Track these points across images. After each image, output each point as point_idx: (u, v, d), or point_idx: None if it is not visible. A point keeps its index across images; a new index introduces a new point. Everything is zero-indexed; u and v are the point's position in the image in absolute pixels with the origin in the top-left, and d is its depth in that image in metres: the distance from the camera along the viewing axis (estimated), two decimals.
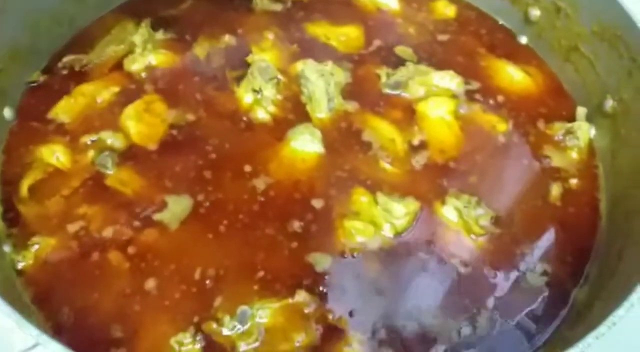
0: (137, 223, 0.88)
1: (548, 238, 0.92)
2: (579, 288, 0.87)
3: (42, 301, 0.80)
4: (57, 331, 0.78)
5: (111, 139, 0.97)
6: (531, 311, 0.84)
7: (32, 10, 1.01)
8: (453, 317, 0.82)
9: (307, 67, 1.05)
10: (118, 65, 1.08)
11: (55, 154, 0.94)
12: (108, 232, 0.87)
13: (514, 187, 0.98)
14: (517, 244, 0.91)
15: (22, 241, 0.86)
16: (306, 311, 0.81)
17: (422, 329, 0.80)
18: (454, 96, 1.08)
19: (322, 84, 1.04)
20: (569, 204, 0.96)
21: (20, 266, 0.83)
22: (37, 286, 0.82)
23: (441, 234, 0.90)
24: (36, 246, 0.85)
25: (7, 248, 0.85)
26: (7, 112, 0.98)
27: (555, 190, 0.97)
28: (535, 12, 1.15)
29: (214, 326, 0.79)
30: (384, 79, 1.09)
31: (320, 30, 1.18)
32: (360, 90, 1.08)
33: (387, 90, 1.08)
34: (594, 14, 1.02)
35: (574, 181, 0.99)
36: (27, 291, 0.81)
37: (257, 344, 0.78)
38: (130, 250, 0.85)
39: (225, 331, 0.78)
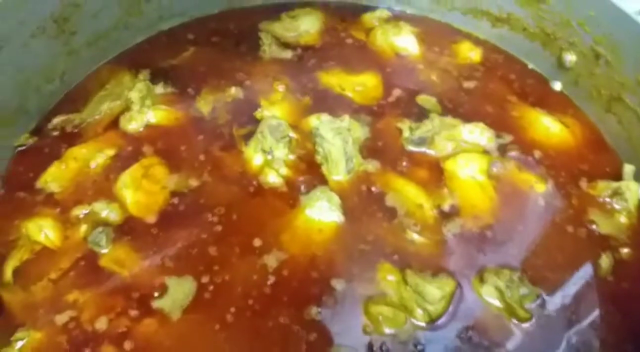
0: (134, 312, 0.77)
1: (601, 320, 0.80)
2: None
3: None
4: None
5: (106, 210, 0.86)
6: None
7: (20, 68, 0.92)
8: None
9: (322, 125, 0.95)
10: (114, 124, 0.99)
11: (43, 231, 0.84)
12: (102, 324, 0.76)
13: (560, 259, 0.86)
14: (567, 328, 0.79)
15: (5, 335, 0.75)
16: None
17: None
18: (485, 152, 0.98)
19: (339, 143, 0.93)
20: (621, 278, 0.85)
21: None
22: None
23: (481, 319, 0.79)
24: (20, 342, 0.74)
25: None
26: None
27: (605, 262, 0.86)
28: (570, 58, 1.05)
29: None
30: (406, 133, 0.99)
31: (335, 80, 1.08)
32: (380, 147, 0.98)
33: (411, 148, 0.98)
34: None
35: (625, 251, 0.88)
36: None
37: None
38: (127, 345, 0.75)
39: None
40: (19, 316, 0.77)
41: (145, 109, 0.99)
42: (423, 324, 0.78)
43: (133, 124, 0.98)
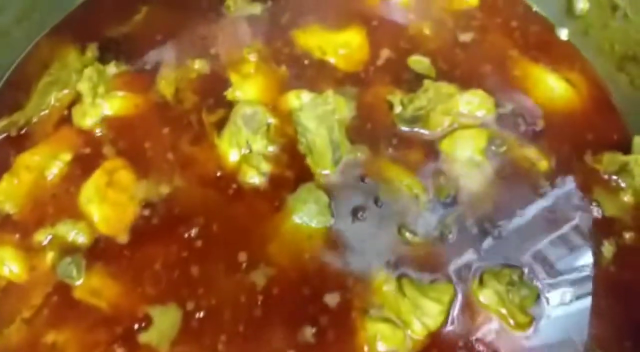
0: (120, 350, 0.73)
1: (604, 317, 0.78)
2: None
3: None
4: None
5: (72, 232, 0.79)
6: None
7: None
8: None
9: (304, 111, 0.84)
10: (65, 118, 0.86)
11: (5, 264, 0.76)
12: None
13: (561, 250, 0.82)
14: (568, 327, 0.78)
15: None
16: None
17: None
18: (483, 125, 0.89)
19: (324, 132, 0.83)
20: (625, 267, 0.82)
21: None
22: None
23: (481, 327, 0.77)
24: None
25: None
26: None
27: (608, 250, 0.82)
28: (581, 5, 0.92)
29: None
30: (398, 109, 0.88)
31: (313, 41, 0.94)
32: (369, 128, 0.88)
33: (403, 127, 0.88)
34: None
35: (629, 235, 0.83)
36: None
37: None
38: None
39: None
40: None
41: (99, 99, 0.86)
42: (422, 337, 0.75)
43: (87, 119, 0.85)
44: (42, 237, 0.78)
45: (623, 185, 0.86)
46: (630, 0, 0.84)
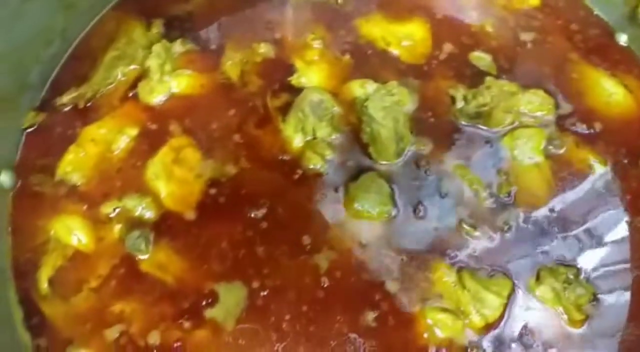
0: (187, 323, 0.75)
1: None
2: None
3: None
4: None
5: (139, 207, 0.79)
6: None
7: (13, 39, 0.77)
8: None
9: (371, 101, 0.85)
10: (131, 93, 0.87)
11: (73, 232, 0.77)
12: (154, 338, 0.74)
13: (616, 251, 0.84)
14: (621, 328, 0.79)
15: None
16: None
17: None
18: (543, 125, 0.90)
19: (390, 124, 0.84)
20: None
21: None
22: None
23: (537, 322, 0.78)
24: None
25: None
26: (5, 178, 0.79)
27: None
28: None
29: None
30: (460, 104, 0.89)
31: (377, 31, 0.95)
32: (432, 121, 0.89)
33: (464, 122, 0.89)
34: None
35: None
36: None
37: None
38: None
39: None
40: (65, 331, 0.74)
41: (166, 76, 0.86)
42: (480, 327, 0.77)
43: (155, 95, 0.86)
44: (109, 209, 0.79)
45: None
46: None
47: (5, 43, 0.75)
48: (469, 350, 0.76)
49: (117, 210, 0.79)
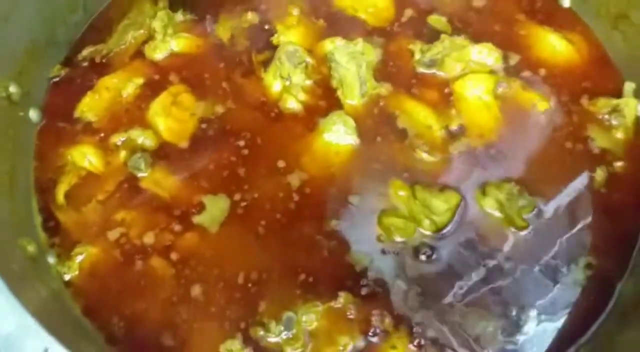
0: (177, 227, 0.88)
1: (592, 228, 0.90)
2: (624, 281, 0.86)
3: (92, 313, 0.83)
4: (110, 342, 0.81)
5: (141, 137, 0.95)
6: (575, 306, 0.84)
7: (46, 1, 0.96)
8: (496, 318, 0.82)
9: (337, 50, 1.00)
10: (139, 53, 1.04)
11: (86, 157, 0.93)
12: (149, 238, 0.87)
13: (557, 173, 0.94)
14: (560, 235, 0.89)
15: (66, 251, 0.87)
16: (349, 315, 0.82)
17: (465, 331, 0.81)
18: (492, 72, 1.03)
19: (353, 68, 0.99)
20: (614, 189, 0.93)
21: (67, 277, 0.85)
22: (85, 298, 0.84)
23: (483, 228, 0.89)
24: (80, 257, 0.86)
25: (51, 259, 0.86)
26: (33, 114, 0.96)
27: (600, 175, 0.94)
28: None
29: (261, 332, 0.80)
30: (417, 56, 1.03)
31: (347, 2, 1.11)
32: (393, 70, 1.03)
33: (422, 69, 1.03)
34: None
35: (619, 164, 0.95)
36: (76, 303, 0.83)
37: (303, 349, 0.80)
38: (173, 256, 0.86)
39: (272, 338, 0.80)
40: (74, 234, 0.88)
41: (168, 37, 1.03)
42: (430, 233, 0.88)
43: (158, 52, 1.03)
44: (117, 139, 0.95)
45: (615, 123, 0.98)
46: None
47: (39, 1, 0.94)
48: (420, 251, 0.87)
49: (123, 140, 0.95)
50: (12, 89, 0.90)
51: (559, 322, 0.83)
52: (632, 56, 1.01)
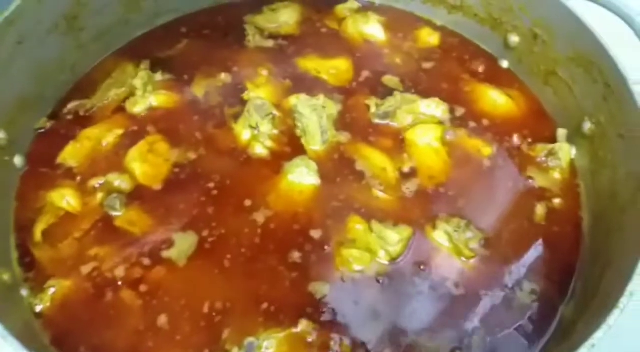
0: (147, 261, 0.93)
1: (535, 257, 0.97)
2: (565, 305, 0.92)
3: (60, 342, 0.86)
4: None
5: (118, 180, 1.02)
6: (522, 328, 0.89)
7: (37, 61, 1.07)
8: (448, 340, 0.87)
9: (300, 103, 1.11)
10: (120, 108, 1.14)
11: (65, 198, 0.99)
12: (120, 272, 0.92)
13: (501, 208, 1.03)
14: (506, 264, 0.96)
15: (39, 284, 0.91)
16: (309, 339, 0.86)
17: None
18: (440, 123, 1.14)
19: (315, 118, 1.09)
20: (553, 223, 1.02)
21: (38, 309, 0.88)
22: (55, 328, 0.87)
23: (433, 258, 0.96)
24: (52, 289, 0.90)
25: (24, 292, 0.90)
26: (18, 160, 1.03)
27: (540, 210, 1.03)
28: (514, 39, 1.21)
29: None
30: (373, 109, 1.15)
31: (311, 65, 1.24)
32: (351, 121, 1.14)
33: (377, 121, 1.14)
34: (569, 41, 1.08)
35: (557, 201, 1.05)
36: (45, 333, 0.86)
37: None
38: (142, 288, 0.91)
39: None
40: (49, 269, 0.92)
41: (148, 94, 1.14)
42: (386, 262, 0.94)
43: (138, 107, 1.13)
44: (95, 182, 1.01)
45: (552, 165, 1.09)
46: (545, 28, 1.13)
47: (31, 61, 1.04)
48: (377, 279, 0.93)
49: (101, 183, 1.02)
50: (1, 135, 0.98)
51: (507, 343, 0.88)
52: (563, 107, 1.14)
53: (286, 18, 1.33)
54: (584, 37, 1.04)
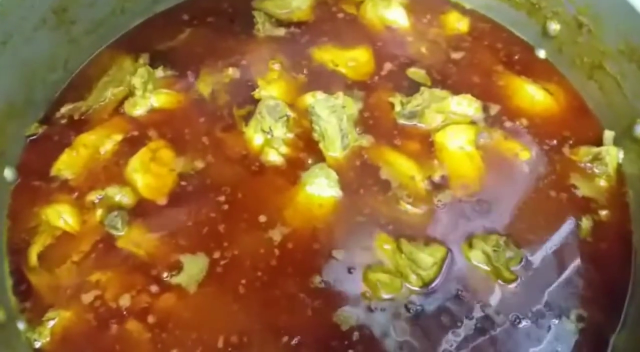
0: (154, 288, 0.85)
1: (581, 279, 0.88)
2: (617, 334, 0.84)
3: None
4: None
5: (119, 195, 0.92)
6: None
7: (24, 60, 0.95)
8: None
9: (318, 103, 1.00)
10: (119, 109, 1.03)
11: (62, 217, 0.90)
12: (125, 301, 0.84)
13: (542, 222, 0.93)
14: (549, 286, 0.87)
15: (37, 315, 0.83)
16: None
17: None
18: (472, 123, 1.03)
19: (334, 121, 0.98)
20: (600, 238, 0.92)
21: (37, 344, 0.80)
22: None
23: (470, 282, 0.87)
24: (52, 322, 0.82)
25: (21, 325, 0.82)
26: (8, 173, 0.93)
27: (586, 224, 0.93)
28: (554, 26, 1.09)
29: None
30: (398, 108, 1.04)
31: (328, 56, 1.12)
32: (374, 122, 1.03)
33: (402, 121, 1.03)
34: (621, 33, 0.96)
35: (604, 212, 0.95)
36: None
37: None
38: (150, 319, 0.83)
39: None
40: (47, 298, 0.84)
41: (148, 93, 1.03)
42: (417, 288, 0.85)
43: (137, 108, 1.02)
44: (93, 197, 0.92)
45: (597, 171, 0.98)
46: (592, 16, 1.00)
47: (17, 62, 0.93)
48: (409, 308, 0.84)
49: (100, 197, 0.92)
50: None
51: None
52: (609, 104, 1.02)
53: (298, 2, 1.20)
54: (638, 29, 0.92)
